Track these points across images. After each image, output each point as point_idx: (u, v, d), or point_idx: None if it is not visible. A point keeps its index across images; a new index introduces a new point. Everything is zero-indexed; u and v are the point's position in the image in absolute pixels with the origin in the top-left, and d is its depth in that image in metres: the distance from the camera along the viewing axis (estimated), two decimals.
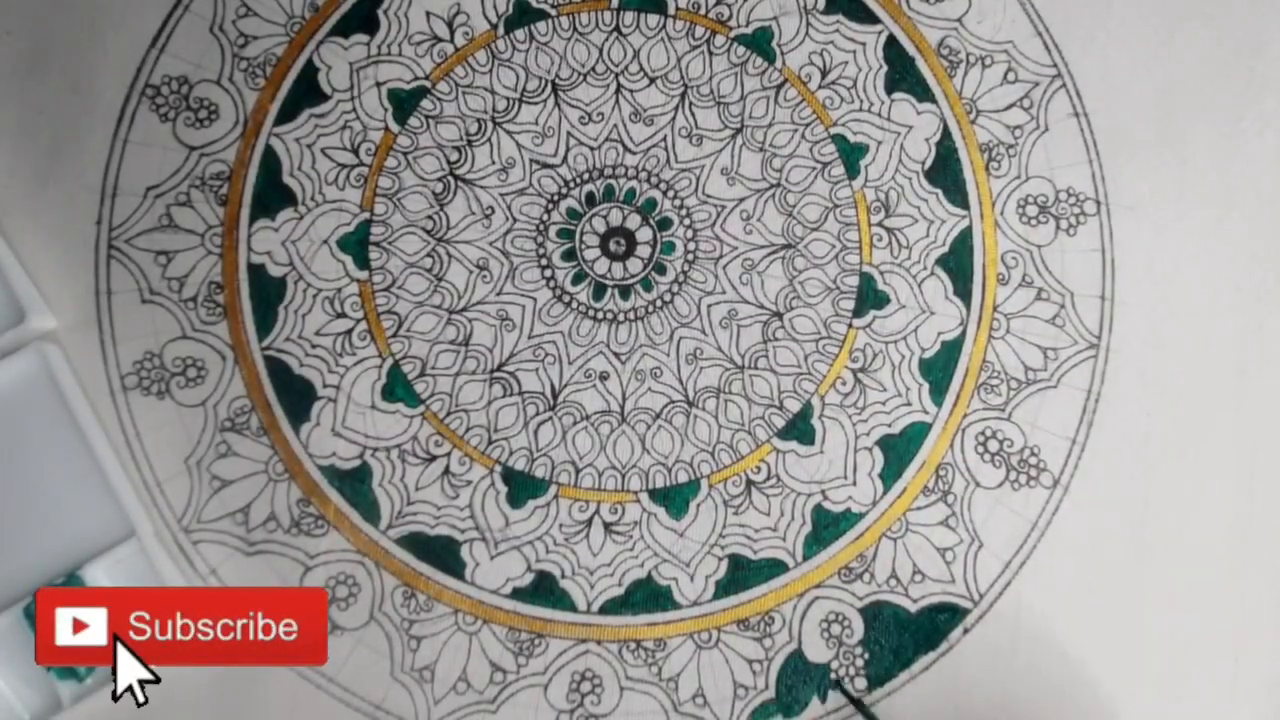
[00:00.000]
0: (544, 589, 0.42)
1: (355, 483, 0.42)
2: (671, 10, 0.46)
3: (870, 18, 0.46)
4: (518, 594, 0.42)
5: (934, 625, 0.42)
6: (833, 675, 0.41)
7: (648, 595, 0.42)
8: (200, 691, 0.39)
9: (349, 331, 0.43)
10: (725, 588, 0.43)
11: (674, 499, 0.43)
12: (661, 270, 0.44)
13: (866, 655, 0.42)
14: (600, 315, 0.44)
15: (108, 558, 0.40)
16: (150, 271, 0.43)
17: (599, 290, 0.44)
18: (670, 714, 0.42)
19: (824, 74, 0.45)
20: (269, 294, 0.43)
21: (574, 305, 0.44)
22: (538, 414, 0.43)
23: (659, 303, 0.44)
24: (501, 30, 0.45)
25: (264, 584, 0.42)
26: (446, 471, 0.43)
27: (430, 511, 0.42)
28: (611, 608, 0.42)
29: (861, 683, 0.42)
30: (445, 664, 0.42)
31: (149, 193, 0.43)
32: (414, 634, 0.42)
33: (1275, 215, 0.46)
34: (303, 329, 0.43)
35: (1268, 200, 0.46)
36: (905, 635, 0.42)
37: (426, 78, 0.45)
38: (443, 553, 0.42)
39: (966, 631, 0.43)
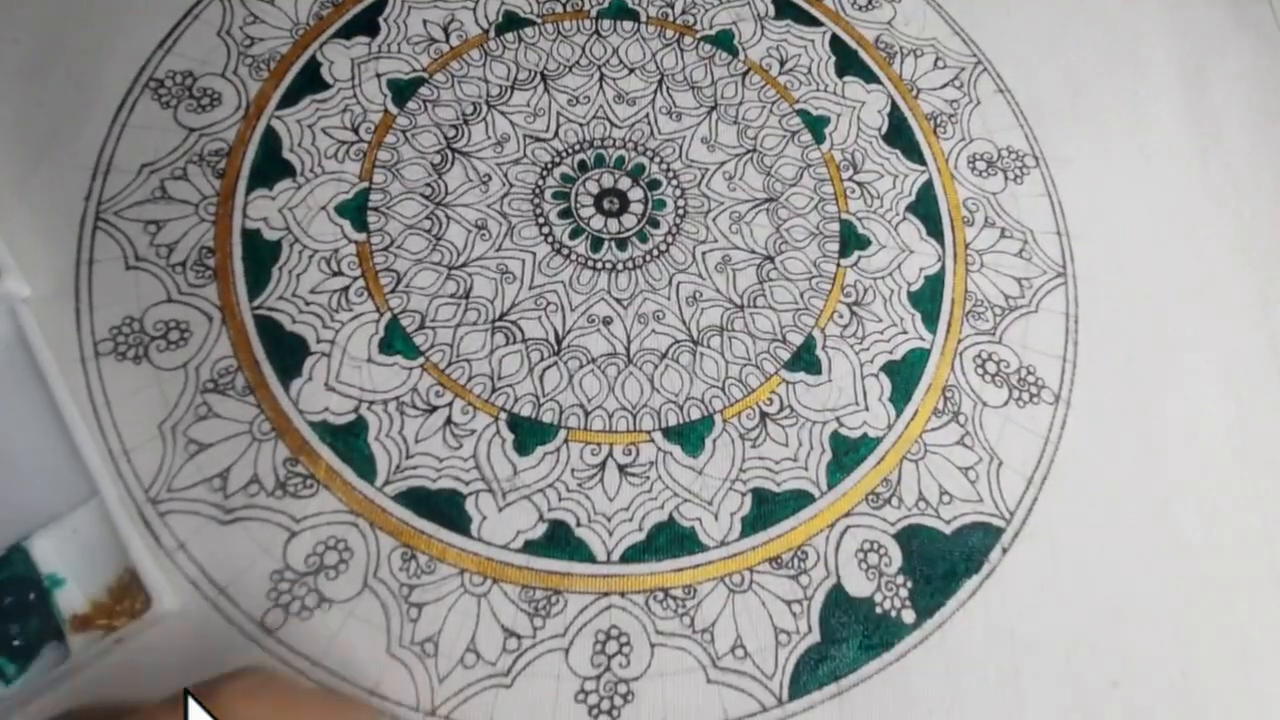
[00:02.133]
0: (558, 539, 0.39)
1: (349, 437, 0.39)
2: (643, 19, 0.52)
3: (814, 21, 0.53)
4: (530, 547, 0.38)
5: (971, 546, 0.40)
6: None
7: (671, 539, 0.39)
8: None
9: (345, 289, 0.42)
10: (752, 524, 0.40)
11: (689, 436, 0.41)
12: (655, 224, 0.46)
13: (910, 584, 0.39)
14: (599, 265, 0.45)
15: (63, 526, 0.35)
16: (138, 240, 0.42)
17: (596, 243, 0.45)
18: (709, 670, 0.37)
19: (782, 64, 0.51)
20: (262, 256, 0.42)
21: (573, 257, 0.45)
22: (542, 360, 0.42)
23: (655, 252, 0.45)
24: (493, 35, 0.50)
25: (240, 556, 0.37)
26: (448, 422, 0.40)
27: (432, 464, 0.39)
28: (633, 555, 0.39)
29: (909, 615, 0.39)
30: (451, 633, 0.37)
31: (144, 169, 0.43)
32: (414, 600, 0.37)
33: (1188, 165, 0.52)
34: (297, 288, 0.42)
35: (1178, 154, 0.52)
36: (944, 559, 0.40)
37: (424, 70, 0.48)
38: (446, 507, 0.39)
39: (1005, 551, 0.41)
